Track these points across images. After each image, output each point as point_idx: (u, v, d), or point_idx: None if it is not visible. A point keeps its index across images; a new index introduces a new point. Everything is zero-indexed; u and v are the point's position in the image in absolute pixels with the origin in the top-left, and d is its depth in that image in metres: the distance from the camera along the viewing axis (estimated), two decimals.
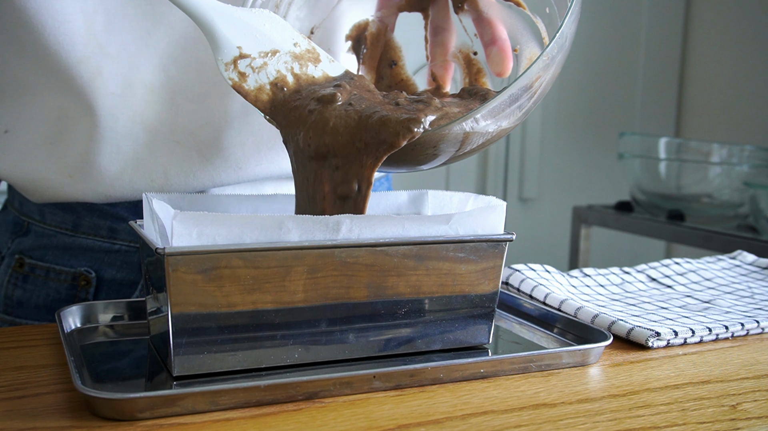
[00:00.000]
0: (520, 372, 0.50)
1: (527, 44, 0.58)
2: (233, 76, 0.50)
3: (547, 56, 0.47)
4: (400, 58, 0.63)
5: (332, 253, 0.46)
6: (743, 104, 2.31)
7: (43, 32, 0.57)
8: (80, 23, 0.58)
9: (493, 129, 0.50)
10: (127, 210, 0.66)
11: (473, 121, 0.48)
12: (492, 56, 0.55)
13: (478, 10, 0.58)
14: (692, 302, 0.67)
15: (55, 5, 0.57)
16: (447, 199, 0.60)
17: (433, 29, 0.61)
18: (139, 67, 0.61)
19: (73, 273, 0.67)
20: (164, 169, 0.63)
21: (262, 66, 0.51)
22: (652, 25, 2.47)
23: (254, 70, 0.50)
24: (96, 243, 0.67)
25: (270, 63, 0.51)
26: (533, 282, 0.67)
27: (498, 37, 0.55)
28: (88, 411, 0.41)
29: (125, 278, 0.67)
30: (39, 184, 0.64)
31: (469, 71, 0.62)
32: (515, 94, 0.48)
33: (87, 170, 0.63)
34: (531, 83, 0.48)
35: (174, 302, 0.43)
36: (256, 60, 0.50)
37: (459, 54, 0.62)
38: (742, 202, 1.78)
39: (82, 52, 0.58)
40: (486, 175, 2.28)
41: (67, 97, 0.60)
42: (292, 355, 0.47)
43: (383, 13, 0.63)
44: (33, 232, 0.68)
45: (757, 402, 0.46)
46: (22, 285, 0.68)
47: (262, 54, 0.51)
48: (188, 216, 0.42)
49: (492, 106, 0.47)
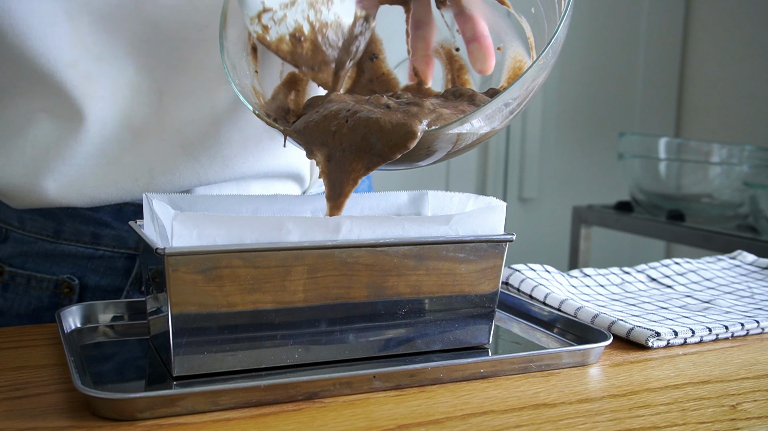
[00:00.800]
0: (520, 372, 0.50)
1: (511, 43, 0.58)
2: (257, 29, 0.54)
3: (542, 60, 0.47)
4: (381, 51, 0.63)
5: (332, 254, 0.46)
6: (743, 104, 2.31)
7: (30, 35, 0.56)
8: (66, 26, 0.57)
9: (485, 131, 0.50)
10: (110, 215, 0.65)
11: (469, 124, 0.48)
12: (474, 53, 0.55)
13: (460, 6, 0.57)
14: (692, 302, 0.67)
15: (41, 8, 0.56)
16: (447, 200, 0.60)
17: (414, 23, 0.61)
18: (126, 68, 0.60)
19: (55, 280, 0.65)
20: (149, 167, 0.63)
21: (283, 18, 0.54)
22: (652, 25, 2.47)
23: (276, 22, 0.54)
24: (78, 249, 0.65)
25: (289, 14, 0.55)
26: (533, 282, 0.67)
27: (480, 33, 0.55)
28: (88, 411, 0.41)
29: (109, 284, 0.66)
30: (22, 188, 0.63)
31: (451, 67, 0.62)
32: (510, 99, 0.48)
33: (71, 173, 0.62)
34: (526, 88, 0.48)
35: (174, 302, 0.43)
36: (278, 12, 0.54)
37: (441, 49, 0.62)
38: (742, 202, 1.78)
39: (70, 55, 0.58)
40: (486, 175, 2.28)
41: (56, 101, 0.60)
42: (292, 355, 0.47)
43: (364, 5, 0.62)
44: (12, 239, 0.67)
45: (757, 402, 0.46)
46: (2, 293, 0.66)
47: (282, 6, 0.54)
48: (188, 217, 0.42)
49: (488, 111, 0.47)
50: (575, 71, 2.36)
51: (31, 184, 0.62)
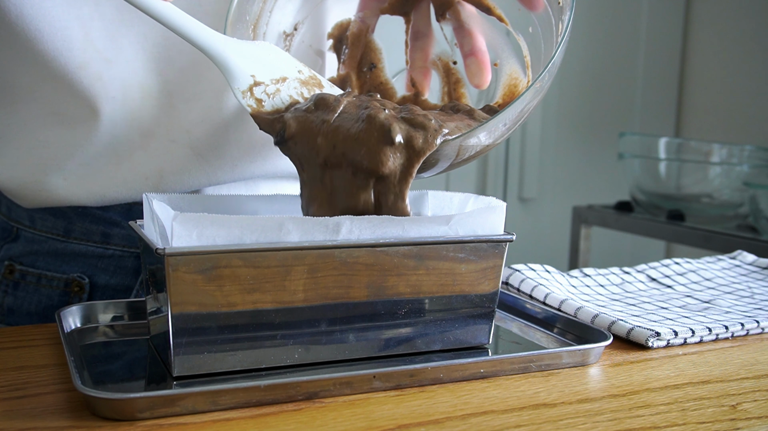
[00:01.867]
0: (520, 372, 0.50)
1: (507, 60, 0.59)
2: (251, 102, 0.52)
3: (539, 83, 0.48)
4: (380, 60, 0.63)
5: (332, 254, 0.46)
6: (743, 104, 2.31)
7: (41, 39, 0.57)
8: (77, 30, 0.58)
9: (488, 143, 0.51)
10: (119, 214, 0.66)
11: (476, 137, 0.49)
12: (470, 67, 0.56)
13: (459, 20, 0.58)
14: (692, 302, 0.67)
15: (51, 12, 0.57)
16: (447, 200, 0.60)
17: (414, 34, 0.62)
18: (137, 71, 0.61)
19: (65, 279, 0.66)
20: (159, 168, 0.63)
21: (276, 92, 0.53)
22: (652, 25, 2.47)
23: (269, 95, 0.53)
24: (89, 248, 0.66)
25: (282, 89, 0.53)
26: (533, 282, 0.67)
27: (477, 48, 0.56)
28: (88, 411, 0.41)
29: (119, 283, 0.67)
30: (32, 187, 0.64)
31: (447, 80, 0.62)
32: (508, 118, 0.48)
33: (81, 173, 0.63)
34: (520, 110, 0.49)
35: (174, 302, 0.43)
36: (270, 86, 0.53)
37: (438, 62, 0.63)
38: (742, 202, 1.78)
39: (81, 58, 0.58)
40: (486, 175, 2.28)
41: (67, 102, 0.60)
42: (292, 355, 0.47)
43: (365, 14, 0.63)
44: (23, 238, 0.68)
45: (757, 402, 0.46)
46: (13, 292, 0.67)
47: (274, 81, 0.53)
48: (188, 217, 0.42)
49: (492, 126, 0.48)
50: (575, 71, 2.36)
51: (40, 182, 0.63)
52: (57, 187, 0.63)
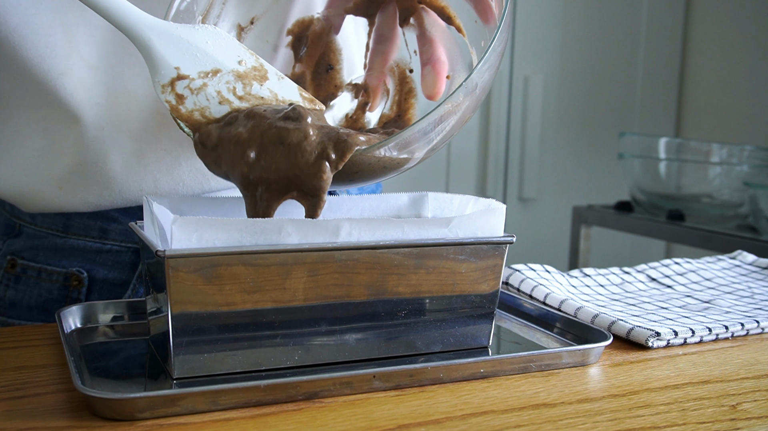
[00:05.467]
0: (520, 372, 0.50)
1: (459, 73, 0.56)
2: (170, 98, 0.48)
3: (450, 104, 0.46)
4: (338, 62, 0.62)
5: (332, 256, 0.46)
6: (743, 104, 2.31)
7: (24, 46, 0.57)
8: (60, 36, 0.57)
9: (404, 157, 0.49)
10: (117, 211, 0.66)
11: (387, 150, 0.47)
12: (426, 77, 0.53)
13: (422, 27, 0.57)
14: (692, 302, 0.67)
15: (35, 19, 0.56)
16: (447, 201, 0.60)
17: (377, 37, 0.60)
18: (122, 77, 0.60)
19: (64, 273, 0.67)
20: (153, 177, 0.63)
21: (201, 87, 0.49)
22: (652, 25, 2.46)
23: (192, 91, 0.49)
24: (87, 243, 0.67)
25: (210, 83, 0.49)
26: (533, 282, 0.67)
27: (437, 58, 0.53)
28: (88, 411, 0.41)
29: (117, 278, 0.67)
30: (29, 196, 0.65)
31: (400, 89, 0.61)
32: (422, 129, 0.46)
33: (76, 181, 0.63)
34: (432, 126, 0.47)
35: (174, 302, 0.43)
36: (195, 81, 0.49)
37: (396, 68, 0.61)
38: (742, 202, 1.77)
39: (65, 65, 0.58)
40: (486, 175, 2.28)
41: (51, 109, 0.60)
42: (293, 357, 0.47)
43: (330, 12, 0.61)
44: (25, 233, 0.68)
45: (757, 402, 0.46)
46: (14, 286, 0.68)
47: (201, 74, 0.49)
48: (188, 221, 0.42)
49: (396, 141, 0.46)
50: (575, 71, 2.36)
51: (38, 192, 0.64)
52: (54, 197, 0.64)
